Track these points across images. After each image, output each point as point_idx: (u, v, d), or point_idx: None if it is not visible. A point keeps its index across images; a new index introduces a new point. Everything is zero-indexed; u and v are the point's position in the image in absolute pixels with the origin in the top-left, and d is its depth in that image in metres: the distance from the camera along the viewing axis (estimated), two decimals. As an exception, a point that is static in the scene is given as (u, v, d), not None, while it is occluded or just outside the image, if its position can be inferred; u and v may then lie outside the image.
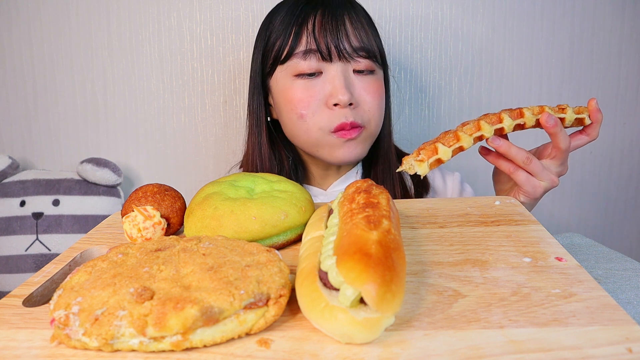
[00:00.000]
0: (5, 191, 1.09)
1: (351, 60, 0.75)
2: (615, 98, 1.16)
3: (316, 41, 0.73)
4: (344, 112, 0.74)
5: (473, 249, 0.46)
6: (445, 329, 0.34)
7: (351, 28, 0.75)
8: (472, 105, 1.15)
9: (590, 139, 0.66)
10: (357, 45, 0.74)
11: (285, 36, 0.75)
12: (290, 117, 0.77)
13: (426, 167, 0.58)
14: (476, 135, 0.61)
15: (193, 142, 1.18)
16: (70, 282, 0.37)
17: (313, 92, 0.75)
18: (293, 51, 0.74)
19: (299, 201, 0.51)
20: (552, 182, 0.65)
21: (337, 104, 0.74)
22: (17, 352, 0.33)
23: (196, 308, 0.32)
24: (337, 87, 0.73)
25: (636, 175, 1.20)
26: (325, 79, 0.75)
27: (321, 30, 0.73)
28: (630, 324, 0.33)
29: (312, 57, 0.74)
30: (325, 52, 0.73)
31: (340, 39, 0.73)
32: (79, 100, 1.17)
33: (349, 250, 0.34)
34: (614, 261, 0.66)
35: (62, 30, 1.13)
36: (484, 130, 0.61)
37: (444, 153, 0.59)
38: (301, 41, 0.74)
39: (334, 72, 0.74)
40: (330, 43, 0.73)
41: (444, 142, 0.59)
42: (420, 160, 0.58)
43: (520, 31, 1.12)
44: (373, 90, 0.77)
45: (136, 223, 0.50)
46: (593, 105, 0.64)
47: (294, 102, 0.75)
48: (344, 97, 0.72)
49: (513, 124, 0.62)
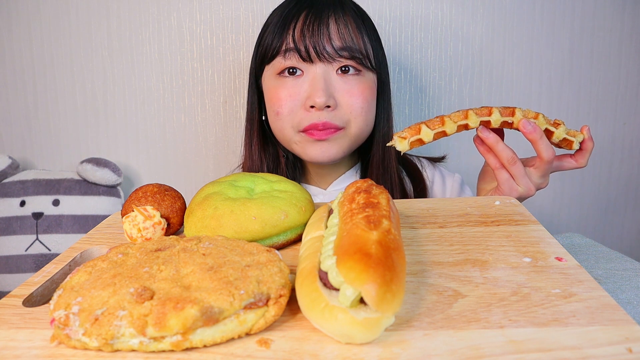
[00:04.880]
0: (5, 191, 1.09)
1: (333, 61, 0.75)
2: (615, 98, 1.16)
3: (295, 42, 0.74)
4: (318, 115, 0.75)
5: (473, 249, 0.46)
6: (445, 329, 0.34)
7: (335, 28, 0.74)
8: (472, 105, 1.15)
9: (578, 165, 0.67)
10: (338, 46, 0.74)
11: (274, 36, 0.77)
12: (270, 114, 0.80)
13: (406, 145, 0.60)
14: (461, 123, 0.61)
15: (193, 142, 1.18)
16: (70, 282, 0.37)
17: (293, 92, 0.76)
18: (277, 51, 0.76)
19: (299, 201, 0.51)
20: (528, 190, 0.65)
21: (314, 106, 0.74)
22: (17, 352, 0.33)
23: (196, 308, 0.32)
24: (315, 89, 0.74)
25: (636, 175, 1.20)
26: (305, 79, 0.76)
27: (303, 31, 0.74)
28: (630, 324, 0.33)
29: (291, 57, 0.75)
30: (304, 53, 0.74)
31: (321, 40, 0.73)
32: (79, 100, 1.17)
33: (349, 250, 0.34)
34: (614, 261, 0.66)
35: (62, 30, 1.13)
36: (470, 120, 0.61)
37: (425, 134, 0.60)
38: (283, 41, 0.75)
39: (314, 73, 0.75)
40: (309, 44, 0.73)
41: (429, 124, 0.60)
42: (402, 137, 0.60)
43: (520, 31, 1.12)
44: (357, 92, 0.76)
45: (136, 223, 0.50)
46: (585, 134, 0.64)
47: (273, 100, 0.77)
48: (320, 99, 0.73)
49: (501, 120, 0.62)
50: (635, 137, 1.18)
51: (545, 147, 0.63)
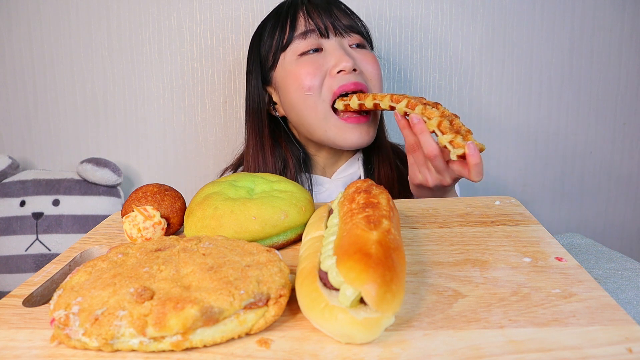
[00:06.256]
0: (5, 191, 1.09)
1: (345, 35, 0.81)
2: (615, 98, 1.16)
3: (313, 20, 0.80)
4: (347, 77, 0.79)
5: (473, 249, 0.46)
6: (445, 329, 0.34)
7: (338, 11, 0.82)
8: (472, 105, 1.15)
9: (470, 178, 0.65)
10: (347, 24, 0.82)
11: (282, 29, 0.81)
12: (299, 95, 0.80)
13: (355, 102, 0.75)
14: (390, 104, 0.72)
15: (193, 142, 1.18)
16: (70, 282, 0.37)
17: (318, 64, 0.80)
18: (292, 36, 0.81)
19: (299, 201, 0.51)
20: (425, 180, 0.71)
21: (342, 70, 0.79)
22: (17, 352, 0.33)
23: (196, 308, 0.32)
24: (339, 56, 0.79)
25: (636, 175, 1.20)
26: (326, 53, 0.81)
27: (315, 14, 0.80)
28: (630, 324, 0.33)
29: (311, 35, 0.80)
30: (322, 29, 0.80)
31: (333, 17, 0.81)
32: (79, 100, 1.17)
33: (349, 250, 0.34)
34: (614, 261, 0.66)
35: (62, 30, 1.13)
36: (383, 102, 0.73)
37: (367, 100, 0.74)
38: (298, 25, 0.81)
39: (333, 46, 0.80)
40: (326, 21, 0.80)
41: (377, 95, 0.74)
42: (356, 99, 0.75)
43: (520, 31, 1.12)
44: (371, 60, 0.83)
45: (136, 223, 0.50)
46: (466, 149, 0.63)
47: (302, 76, 0.79)
48: (348, 63, 0.78)
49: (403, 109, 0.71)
50: (635, 137, 1.18)
51: (425, 142, 0.68)
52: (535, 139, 1.17)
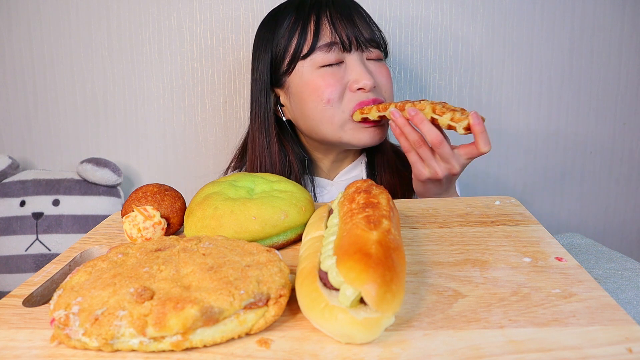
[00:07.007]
0: (5, 191, 1.09)
1: (365, 49, 0.81)
2: (615, 98, 1.16)
3: (338, 33, 0.79)
4: (366, 94, 0.80)
5: (473, 249, 0.46)
6: (445, 329, 0.34)
7: (360, 22, 0.81)
8: (472, 105, 1.15)
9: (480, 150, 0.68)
10: (368, 37, 0.81)
11: (303, 33, 0.80)
12: (316, 105, 0.81)
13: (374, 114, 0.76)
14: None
15: (193, 142, 1.18)
16: (70, 282, 0.37)
17: (338, 77, 0.80)
18: (315, 45, 0.80)
19: (299, 201, 0.51)
20: (434, 173, 0.71)
21: (362, 88, 0.79)
22: (17, 352, 0.33)
23: (196, 308, 0.32)
24: (361, 73, 0.79)
25: (636, 175, 1.20)
26: (347, 67, 0.81)
27: (339, 24, 0.80)
28: (630, 324, 0.33)
29: (335, 49, 0.80)
30: (346, 43, 0.80)
31: (356, 29, 0.80)
32: (79, 100, 1.17)
33: (349, 250, 0.34)
34: (614, 261, 0.66)
35: (62, 30, 1.13)
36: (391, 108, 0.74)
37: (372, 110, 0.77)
38: (322, 36, 0.79)
39: (353, 60, 0.80)
40: (350, 34, 0.79)
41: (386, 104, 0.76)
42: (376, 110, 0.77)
43: (520, 31, 1.12)
44: (386, 74, 0.84)
45: (136, 223, 0.50)
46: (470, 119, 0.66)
47: (322, 88, 0.79)
48: (369, 81, 0.78)
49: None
50: (635, 137, 1.18)
51: (428, 131, 0.69)
52: (535, 138, 1.17)
